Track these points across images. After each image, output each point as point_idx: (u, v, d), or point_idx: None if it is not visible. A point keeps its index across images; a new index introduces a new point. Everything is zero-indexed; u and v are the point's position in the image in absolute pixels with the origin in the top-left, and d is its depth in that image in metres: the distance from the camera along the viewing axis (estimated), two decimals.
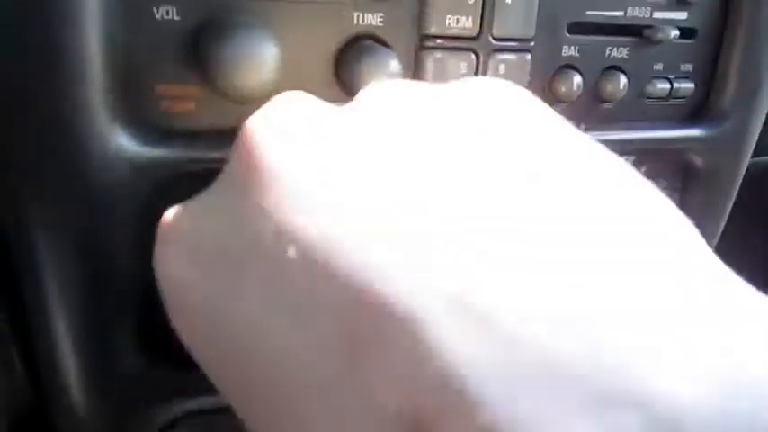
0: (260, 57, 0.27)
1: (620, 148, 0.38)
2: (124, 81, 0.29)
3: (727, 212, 0.45)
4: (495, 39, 0.34)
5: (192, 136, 0.30)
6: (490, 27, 0.33)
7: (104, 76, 0.28)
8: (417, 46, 0.33)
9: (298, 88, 0.32)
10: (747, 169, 0.50)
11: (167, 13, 0.29)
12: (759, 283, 0.16)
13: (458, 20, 0.33)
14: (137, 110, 0.29)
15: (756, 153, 0.50)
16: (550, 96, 0.37)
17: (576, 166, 0.17)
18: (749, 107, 0.42)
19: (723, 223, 0.45)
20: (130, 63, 0.29)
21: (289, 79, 0.30)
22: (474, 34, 0.33)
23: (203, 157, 0.31)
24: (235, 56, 0.27)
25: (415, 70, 0.33)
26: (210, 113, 0.30)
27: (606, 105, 0.39)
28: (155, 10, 0.29)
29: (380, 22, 0.32)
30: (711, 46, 0.40)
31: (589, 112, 0.38)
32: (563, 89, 0.37)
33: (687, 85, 0.40)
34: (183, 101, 0.30)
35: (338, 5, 0.31)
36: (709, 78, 0.41)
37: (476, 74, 0.34)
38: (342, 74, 0.32)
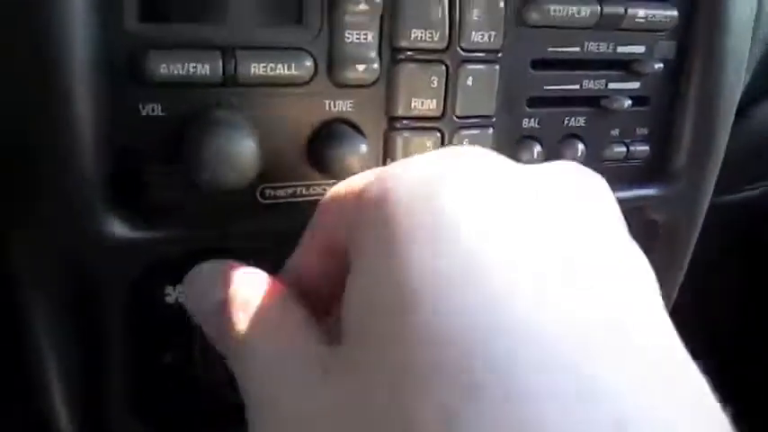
0: (236, 155, 0.30)
1: None
2: (114, 169, 0.31)
3: (687, 263, 0.48)
4: (458, 117, 0.37)
5: (179, 219, 0.33)
6: (453, 107, 0.36)
7: (95, 166, 0.31)
8: (386, 127, 0.36)
9: (274, 171, 0.35)
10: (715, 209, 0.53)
11: (153, 110, 0.32)
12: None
13: (422, 102, 0.36)
14: (126, 195, 0.32)
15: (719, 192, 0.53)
16: None
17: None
18: (702, 167, 0.44)
19: (683, 273, 0.48)
20: (120, 153, 0.31)
21: (265, 164, 0.33)
22: (438, 114, 0.36)
23: (189, 237, 0.33)
24: (211, 157, 0.29)
25: (384, 149, 0.36)
26: (196, 197, 0.33)
27: None
28: (140, 106, 0.31)
29: (351, 107, 0.35)
30: (665, 111, 0.43)
31: None
32: (524, 159, 0.39)
33: (643, 148, 0.43)
34: (170, 187, 0.33)
35: (312, 95, 0.34)
36: (664, 140, 0.44)
37: (441, 146, 0.37)
38: (315, 156, 0.34)
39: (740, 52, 0.43)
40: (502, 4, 0.36)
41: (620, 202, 0.43)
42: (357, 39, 0.33)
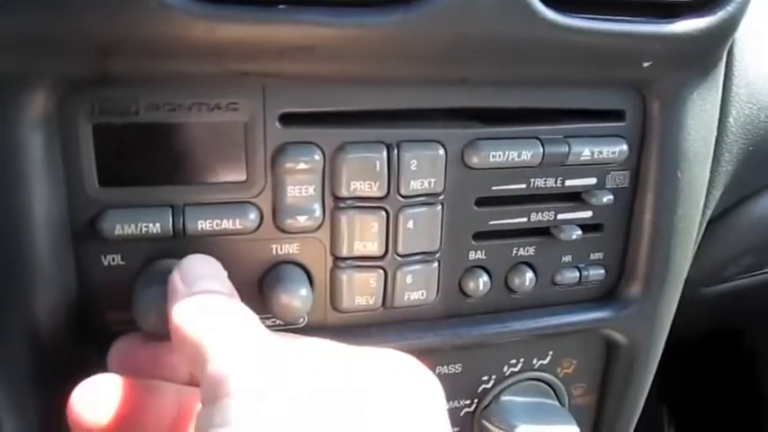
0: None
1: (538, 334, 0.43)
2: (79, 311, 0.35)
3: (649, 383, 0.48)
4: (400, 255, 0.39)
5: None
6: (395, 247, 0.39)
7: (60, 309, 0.35)
8: (332, 266, 0.39)
9: None
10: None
11: (113, 260, 0.35)
12: None
13: (365, 245, 0.38)
14: (91, 333, 0.36)
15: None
16: (461, 294, 0.42)
17: None
18: (661, 290, 0.45)
19: (645, 392, 0.48)
20: (83, 297, 0.35)
21: None
22: (380, 254, 0.39)
23: None
24: (146, 310, 0.32)
25: (330, 285, 0.39)
26: None
27: (516, 296, 0.43)
28: (102, 257, 0.35)
29: (297, 249, 0.38)
30: (620, 235, 0.44)
31: (500, 303, 0.43)
32: (470, 288, 0.41)
33: (597, 272, 0.44)
34: (131, 324, 0.36)
35: (259, 241, 0.37)
36: (620, 264, 0.45)
37: (385, 287, 0.39)
38: (265, 294, 0.37)
39: (697, 180, 0.44)
40: (442, 152, 0.38)
41: (575, 325, 0.44)
42: (299, 192, 0.36)
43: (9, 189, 0.32)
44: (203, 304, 0.30)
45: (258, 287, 0.38)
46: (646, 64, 0.38)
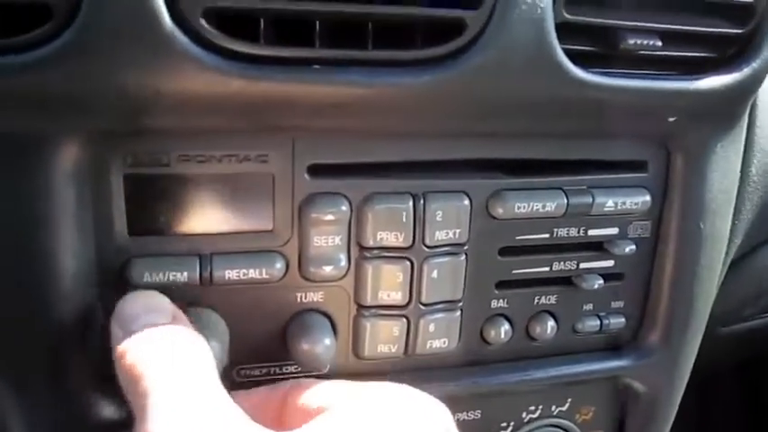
0: None
1: (557, 382, 0.43)
2: (104, 357, 0.36)
3: (667, 430, 0.48)
4: (423, 305, 0.39)
5: None
6: (419, 296, 0.39)
7: (86, 354, 0.35)
8: (355, 314, 0.39)
9: (249, 354, 0.38)
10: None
11: None
12: None
13: (389, 294, 0.38)
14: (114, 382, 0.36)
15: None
16: (482, 342, 0.42)
17: None
18: (680, 340, 0.45)
19: None
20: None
21: (241, 347, 0.36)
22: (404, 303, 0.39)
23: None
24: None
25: (353, 333, 0.39)
26: None
27: (536, 343, 0.43)
28: None
29: (321, 298, 0.38)
30: (641, 285, 0.44)
31: (521, 350, 0.43)
32: (492, 335, 0.41)
33: (618, 320, 0.44)
34: None
35: (285, 288, 0.37)
36: (641, 313, 0.45)
37: (407, 335, 0.39)
38: (289, 342, 0.37)
39: (720, 231, 0.44)
40: (467, 203, 0.38)
41: (596, 372, 0.44)
42: (325, 242, 0.37)
43: (39, 237, 0.32)
44: (143, 340, 0.29)
45: (282, 335, 0.38)
46: (671, 119, 0.39)
